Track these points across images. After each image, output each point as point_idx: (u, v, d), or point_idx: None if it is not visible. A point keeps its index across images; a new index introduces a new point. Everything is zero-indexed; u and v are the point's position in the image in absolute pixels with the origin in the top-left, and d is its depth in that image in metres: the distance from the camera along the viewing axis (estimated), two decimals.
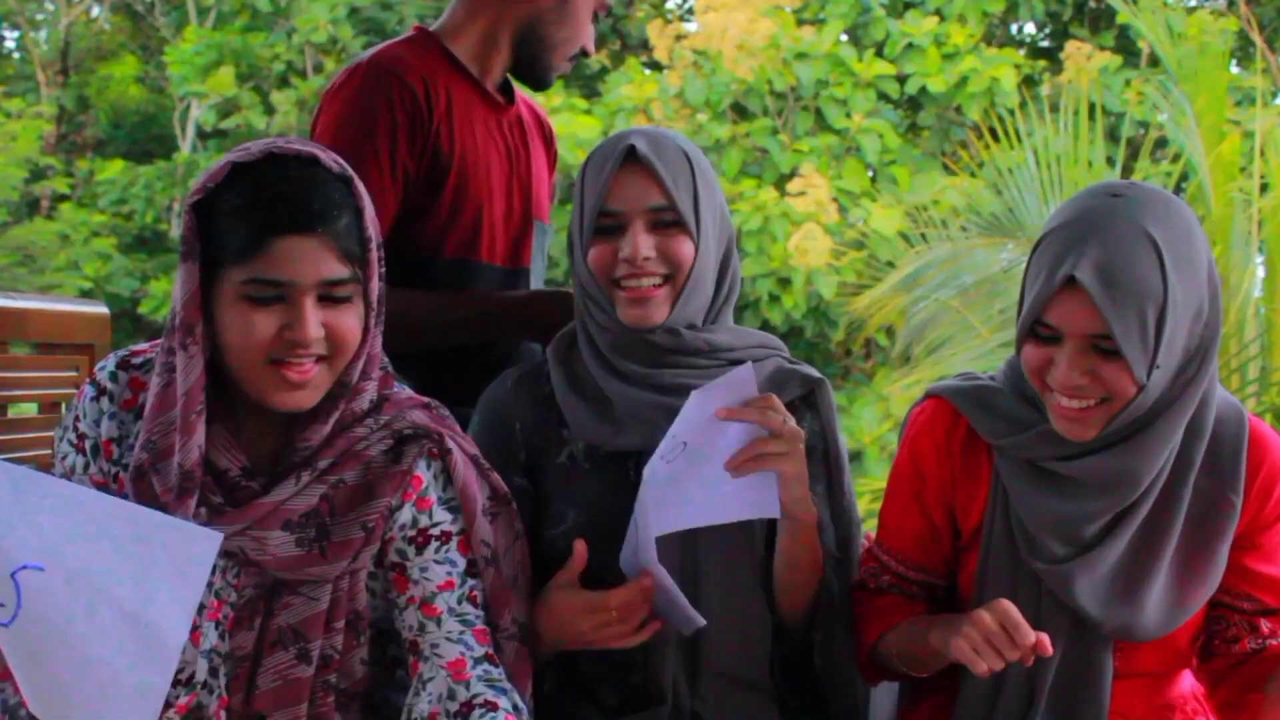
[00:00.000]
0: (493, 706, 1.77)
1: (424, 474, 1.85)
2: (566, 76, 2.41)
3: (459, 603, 1.85)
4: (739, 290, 2.12)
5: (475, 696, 1.79)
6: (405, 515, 1.84)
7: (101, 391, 1.82)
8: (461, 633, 1.84)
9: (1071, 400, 1.78)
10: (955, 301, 6.48)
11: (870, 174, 11.81)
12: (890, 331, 7.51)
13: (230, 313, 1.71)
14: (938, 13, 12.22)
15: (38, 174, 13.95)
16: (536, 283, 2.46)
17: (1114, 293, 1.72)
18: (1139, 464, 1.83)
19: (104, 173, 13.89)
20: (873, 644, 1.97)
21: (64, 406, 2.25)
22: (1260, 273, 6.27)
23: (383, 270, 1.80)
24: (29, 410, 2.27)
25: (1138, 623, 1.86)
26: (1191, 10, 11.97)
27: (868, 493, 6.09)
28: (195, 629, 1.74)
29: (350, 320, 1.74)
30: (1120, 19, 9.00)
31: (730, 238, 2.08)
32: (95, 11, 16.30)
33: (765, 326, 10.82)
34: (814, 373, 2.10)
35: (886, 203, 10.77)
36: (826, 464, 2.09)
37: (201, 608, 1.74)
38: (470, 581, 1.86)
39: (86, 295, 12.39)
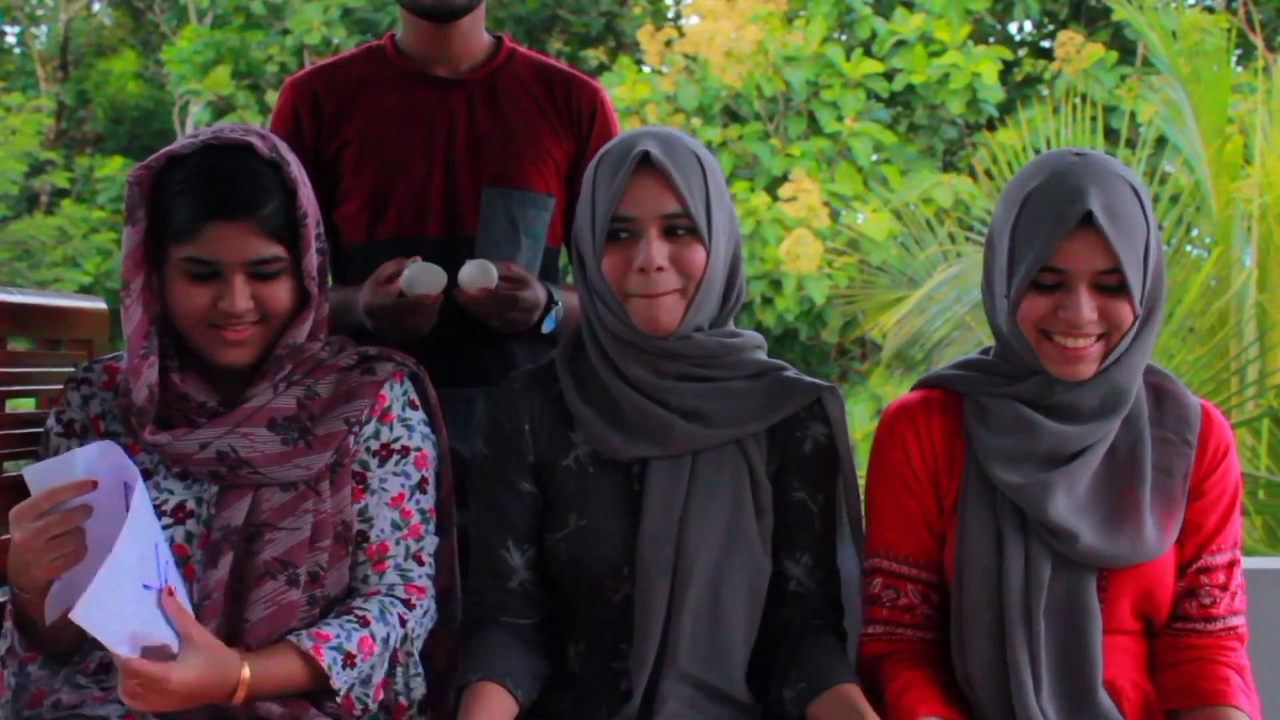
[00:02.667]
0: (364, 621, 1.96)
1: (388, 393, 2.05)
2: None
3: (401, 516, 2.04)
4: (744, 295, 2.12)
5: (373, 597, 2.02)
6: (369, 429, 2.04)
7: (80, 381, 2.05)
8: (397, 538, 2.03)
9: (1077, 340, 1.91)
10: (970, 318, 6.48)
11: (861, 174, 11.79)
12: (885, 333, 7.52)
13: (175, 284, 1.95)
14: (923, 10, 12.21)
15: (37, 169, 13.93)
16: (524, 251, 2.45)
17: (1119, 230, 1.88)
18: (1127, 379, 1.97)
19: (103, 169, 13.87)
20: None
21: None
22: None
23: (321, 245, 2.00)
24: (27, 405, 2.27)
25: (1120, 548, 1.96)
26: (1190, 7, 11.95)
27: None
28: (187, 560, 1.94)
29: (279, 292, 1.96)
30: (1116, 16, 8.97)
31: (738, 241, 2.09)
32: (95, 7, 16.28)
33: (759, 329, 10.81)
34: (821, 382, 2.10)
35: (877, 206, 10.76)
36: (833, 473, 2.10)
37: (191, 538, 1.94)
38: (418, 496, 2.04)
39: (85, 291, 12.39)
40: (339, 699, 1.92)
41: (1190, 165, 6.82)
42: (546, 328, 2.38)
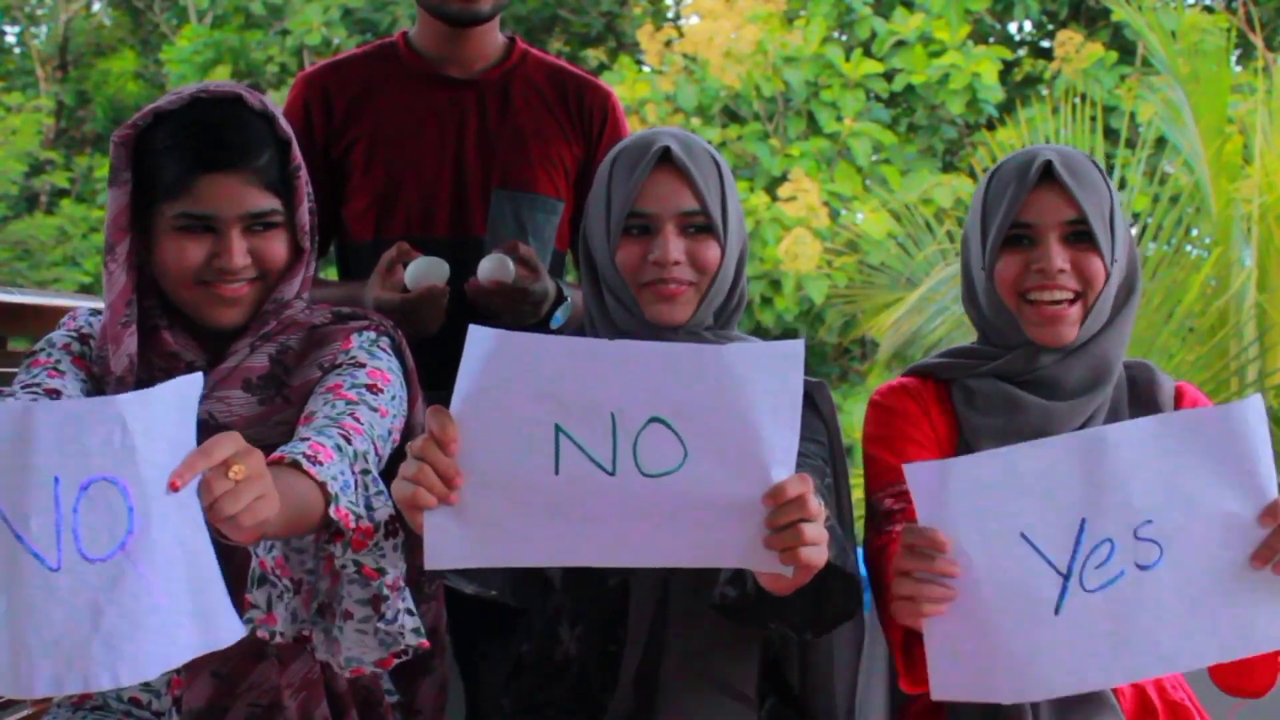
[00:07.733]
0: (302, 438, 1.71)
1: (355, 339, 1.95)
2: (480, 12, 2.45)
3: (334, 395, 1.83)
4: (746, 298, 2.14)
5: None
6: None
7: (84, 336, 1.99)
8: (325, 399, 1.83)
9: (1054, 294, 1.97)
10: (967, 318, 6.48)
11: (861, 174, 11.79)
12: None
13: (166, 242, 1.89)
14: (922, 10, 12.21)
15: (37, 169, 13.94)
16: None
17: (1079, 182, 1.98)
18: (1112, 351, 2.03)
19: (103, 169, 13.87)
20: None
21: None
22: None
23: (313, 204, 1.95)
24: None
25: None
26: (1190, 7, 11.96)
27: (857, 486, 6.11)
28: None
29: (277, 246, 1.92)
30: (1116, 16, 8.98)
31: (744, 245, 2.11)
32: (95, 7, 16.28)
33: (758, 329, 10.82)
34: (809, 379, 2.11)
35: (876, 206, 10.76)
36: (831, 465, 2.10)
37: None
38: (362, 392, 1.85)
39: (85, 290, 12.39)
40: (334, 509, 1.64)
41: (1190, 165, 6.82)
42: (555, 323, 2.38)
